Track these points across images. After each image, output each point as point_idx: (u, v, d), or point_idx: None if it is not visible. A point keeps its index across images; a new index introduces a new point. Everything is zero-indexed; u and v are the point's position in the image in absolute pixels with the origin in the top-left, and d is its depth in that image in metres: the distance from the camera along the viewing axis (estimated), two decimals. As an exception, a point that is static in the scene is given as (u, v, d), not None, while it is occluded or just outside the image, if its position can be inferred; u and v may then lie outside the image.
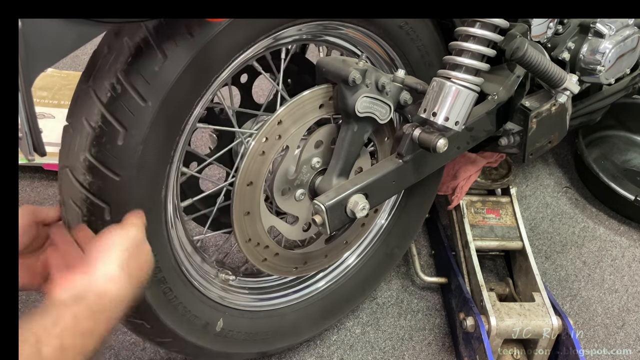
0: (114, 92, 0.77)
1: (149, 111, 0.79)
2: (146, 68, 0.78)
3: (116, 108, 0.78)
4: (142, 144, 0.81)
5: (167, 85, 0.79)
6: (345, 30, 1.03)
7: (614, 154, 1.95)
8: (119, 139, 0.79)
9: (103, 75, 0.78)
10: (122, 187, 0.82)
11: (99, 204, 0.82)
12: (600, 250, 1.67)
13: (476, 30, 0.94)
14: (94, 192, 0.81)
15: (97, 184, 0.81)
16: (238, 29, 0.84)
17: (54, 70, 2.07)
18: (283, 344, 1.23)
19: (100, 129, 0.78)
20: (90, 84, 0.79)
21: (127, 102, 0.78)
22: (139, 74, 0.77)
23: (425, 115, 0.96)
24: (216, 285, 1.10)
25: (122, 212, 0.83)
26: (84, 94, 0.80)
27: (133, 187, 0.83)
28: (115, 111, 0.78)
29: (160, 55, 0.77)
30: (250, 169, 0.98)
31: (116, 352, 1.29)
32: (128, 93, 0.77)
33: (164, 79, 0.79)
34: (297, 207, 1.08)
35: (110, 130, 0.79)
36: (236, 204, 0.99)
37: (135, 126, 0.79)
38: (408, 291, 1.50)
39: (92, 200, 0.82)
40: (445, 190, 1.50)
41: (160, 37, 0.77)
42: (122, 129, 0.79)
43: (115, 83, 0.77)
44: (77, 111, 0.81)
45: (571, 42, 1.31)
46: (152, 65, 0.78)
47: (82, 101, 0.80)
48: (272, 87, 1.16)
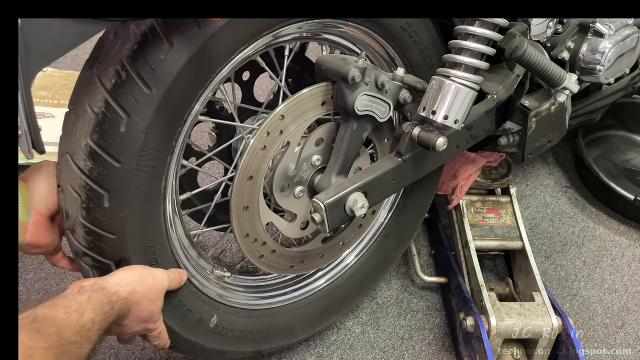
0: (119, 78, 0.77)
1: (153, 99, 0.79)
2: (152, 56, 0.77)
3: (120, 95, 0.78)
4: (144, 132, 0.80)
5: (172, 74, 0.79)
6: (345, 28, 1.03)
7: (614, 154, 1.95)
8: (121, 126, 0.79)
9: (108, 62, 0.78)
10: (123, 175, 0.82)
11: (98, 190, 0.82)
12: (600, 250, 1.67)
13: (476, 29, 0.94)
14: (94, 179, 0.81)
15: (98, 170, 0.81)
16: (239, 25, 0.84)
17: (54, 70, 2.07)
18: (279, 343, 1.23)
19: (104, 115, 0.78)
20: (95, 70, 0.79)
21: (132, 89, 0.78)
22: (145, 61, 0.77)
23: (425, 113, 0.96)
24: (212, 281, 1.10)
25: (122, 199, 0.83)
26: (88, 80, 0.80)
27: (133, 176, 0.83)
28: (119, 98, 0.78)
29: (167, 44, 0.77)
30: (251, 163, 0.98)
31: (116, 352, 1.29)
32: (133, 80, 0.77)
33: (169, 67, 0.79)
34: (296, 205, 1.08)
35: (113, 116, 0.78)
36: (236, 198, 0.99)
37: (138, 114, 0.79)
38: (408, 291, 1.50)
39: (92, 186, 0.81)
40: (445, 190, 1.50)
41: (168, 26, 0.77)
42: (125, 116, 0.78)
43: (121, 70, 0.77)
44: (80, 97, 0.81)
45: (571, 42, 1.31)
46: (158, 53, 0.78)
47: (86, 87, 0.80)
48: (273, 86, 1.16)
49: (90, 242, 0.86)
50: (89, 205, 0.83)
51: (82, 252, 0.88)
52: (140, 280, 0.84)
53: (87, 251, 0.87)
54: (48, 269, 1.44)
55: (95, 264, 0.88)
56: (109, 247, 0.87)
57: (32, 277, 1.43)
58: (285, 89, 1.06)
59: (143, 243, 0.90)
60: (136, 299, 0.83)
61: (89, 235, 0.85)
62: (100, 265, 0.89)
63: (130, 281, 0.82)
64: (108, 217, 0.84)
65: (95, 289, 0.76)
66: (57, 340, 0.65)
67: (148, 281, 0.85)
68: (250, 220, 1.03)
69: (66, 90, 1.96)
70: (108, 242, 0.86)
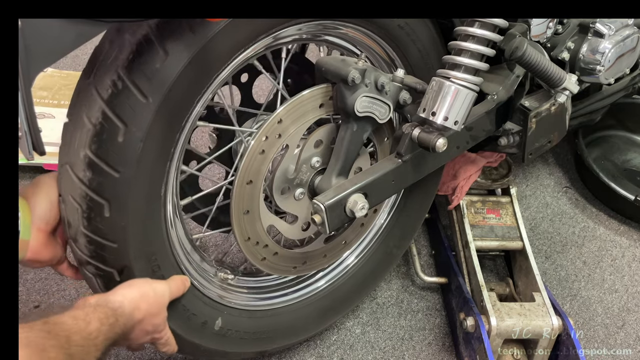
0: (115, 88, 0.77)
1: (149, 108, 0.79)
2: (148, 65, 0.78)
3: (117, 105, 0.78)
4: (142, 141, 0.81)
5: (168, 82, 0.79)
6: (344, 29, 1.03)
7: (614, 154, 1.95)
8: (119, 135, 0.79)
9: (104, 72, 0.78)
10: (122, 184, 0.82)
11: (98, 200, 0.82)
12: (600, 250, 1.67)
13: (475, 30, 0.94)
14: (94, 189, 0.81)
15: (97, 180, 0.81)
16: (238, 28, 0.84)
17: (54, 70, 2.07)
18: (281, 343, 1.23)
19: (101, 126, 0.78)
20: (92, 80, 0.79)
21: (128, 99, 0.78)
22: (141, 70, 0.77)
23: (425, 114, 0.96)
24: (215, 284, 1.10)
25: (122, 208, 0.83)
26: (85, 90, 0.80)
27: (133, 184, 0.83)
28: (116, 108, 0.78)
29: (161, 52, 0.78)
30: (250, 167, 0.98)
31: (116, 352, 1.29)
32: (129, 89, 0.77)
33: (165, 76, 0.79)
34: (296, 206, 1.08)
35: (110, 126, 0.79)
36: (236, 202, 0.99)
37: (135, 123, 0.79)
38: (408, 291, 1.50)
39: (92, 196, 0.82)
40: (445, 190, 1.50)
41: (162, 34, 0.77)
42: (122, 125, 0.79)
43: (117, 79, 0.77)
44: (77, 107, 0.81)
45: (571, 42, 1.31)
46: (153, 62, 0.78)
47: (83, 97, 0.80)
48: (272, 88, 1.16)
49: (92, 251, 0.86)
50: (90, 214, 0.83)
51: (85, 261, 0.88)
52: (142, 297, 0.84)
53: (90, 260, 0.87)
54: (48, 269, 1.44)
55: (98, 272, 0.89)
56: (111, 256, 0.87)
57: (32, 277, 1.43)
58: (283, 91, 1.05)
59: (144, 250, 0.91)
60: (139, 315, 0.83)
61: (91, 244, 0.85)
62: (103, 274, 0.89)
63: (132, 299, 0.83)
64: (109, 226, 0.84)
65: (99, 303, 0.78)
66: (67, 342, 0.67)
67: (149, 297, 0.86)
68: (250, 223, 1.03)
69: (66, 90, 1.96)
70: (110, 251, 0.86)
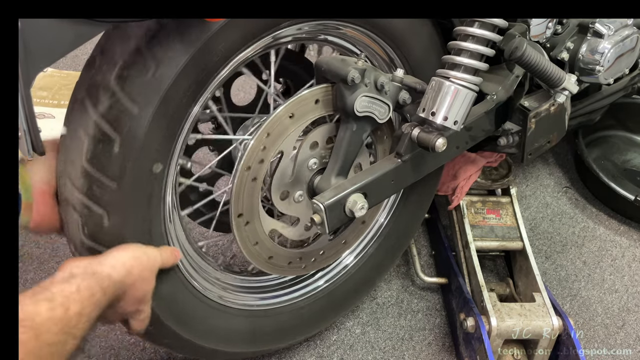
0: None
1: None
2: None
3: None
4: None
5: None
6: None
7: (614, 154, 1.95)
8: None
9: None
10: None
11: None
12: (600, 250, 1.67)
13: (475, 30, 0.94)
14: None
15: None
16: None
17: (54, 70, 2.07)
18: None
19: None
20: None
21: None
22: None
23: (424, 114, 0.96)
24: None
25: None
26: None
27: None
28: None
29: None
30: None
31: (116, 352, 1.29)
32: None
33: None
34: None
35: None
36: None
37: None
38: (408, 291, 1.50)
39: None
40: (445, 191, 1.50)
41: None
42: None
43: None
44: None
45: (570, 42, 1.31)
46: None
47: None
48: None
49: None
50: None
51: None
52: (135, 260, 0.82)
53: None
54: (48, 269, 1.45)
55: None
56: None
57: (32, 277, 1.43)
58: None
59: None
60: (131, 280, 0.81)
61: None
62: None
63: (124, 262, 0.81)
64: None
65: (86, 275, 0.74)
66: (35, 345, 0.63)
67: (142, 260, 0.84)
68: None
69: (66, 90, 1.95)
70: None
